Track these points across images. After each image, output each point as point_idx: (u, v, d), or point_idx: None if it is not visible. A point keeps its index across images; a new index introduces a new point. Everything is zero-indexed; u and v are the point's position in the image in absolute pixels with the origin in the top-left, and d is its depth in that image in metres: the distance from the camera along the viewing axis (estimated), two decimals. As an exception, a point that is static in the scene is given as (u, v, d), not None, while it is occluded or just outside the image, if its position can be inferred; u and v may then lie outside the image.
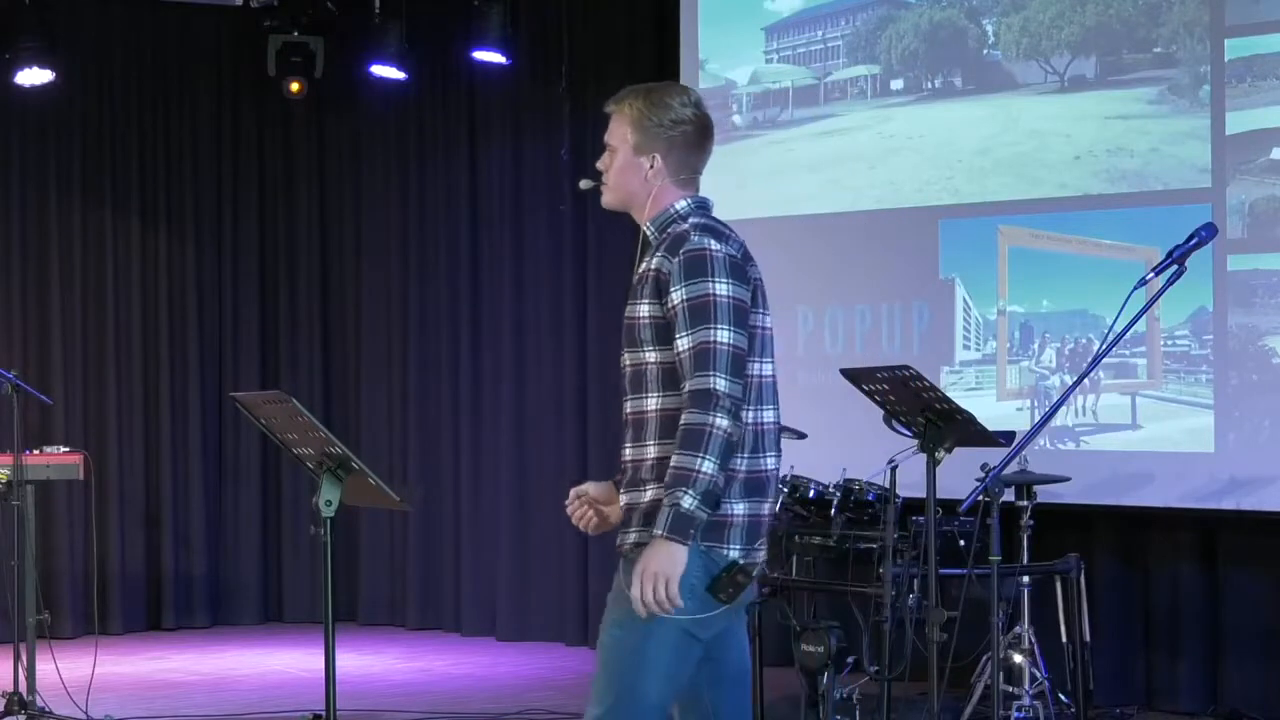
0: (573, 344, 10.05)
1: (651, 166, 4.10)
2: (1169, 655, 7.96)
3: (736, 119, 9.04)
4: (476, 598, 10.44)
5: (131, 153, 10.81)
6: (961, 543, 6.83)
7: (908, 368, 5.88)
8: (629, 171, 4.12)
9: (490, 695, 8.55)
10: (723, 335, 3.85)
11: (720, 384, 3.81)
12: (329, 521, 5.14)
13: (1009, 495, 7.07)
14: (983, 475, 5.36)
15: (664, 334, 3.92)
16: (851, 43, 8.71)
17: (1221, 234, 6.70)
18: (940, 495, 5.92)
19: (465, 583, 10.53)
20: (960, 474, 6.14)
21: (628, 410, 4.03)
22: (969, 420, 5.92)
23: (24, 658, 7.38)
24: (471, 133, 10.58)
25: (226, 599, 11.05)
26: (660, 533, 3.79)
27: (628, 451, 4.01)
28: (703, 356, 3.84)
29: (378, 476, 5.19)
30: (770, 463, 4.00)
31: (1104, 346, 4.65)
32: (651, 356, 3.96)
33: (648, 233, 4.10)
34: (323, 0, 10.46)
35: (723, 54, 9.15)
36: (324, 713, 5.34)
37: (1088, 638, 7.07)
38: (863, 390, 6.03)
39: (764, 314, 4.03)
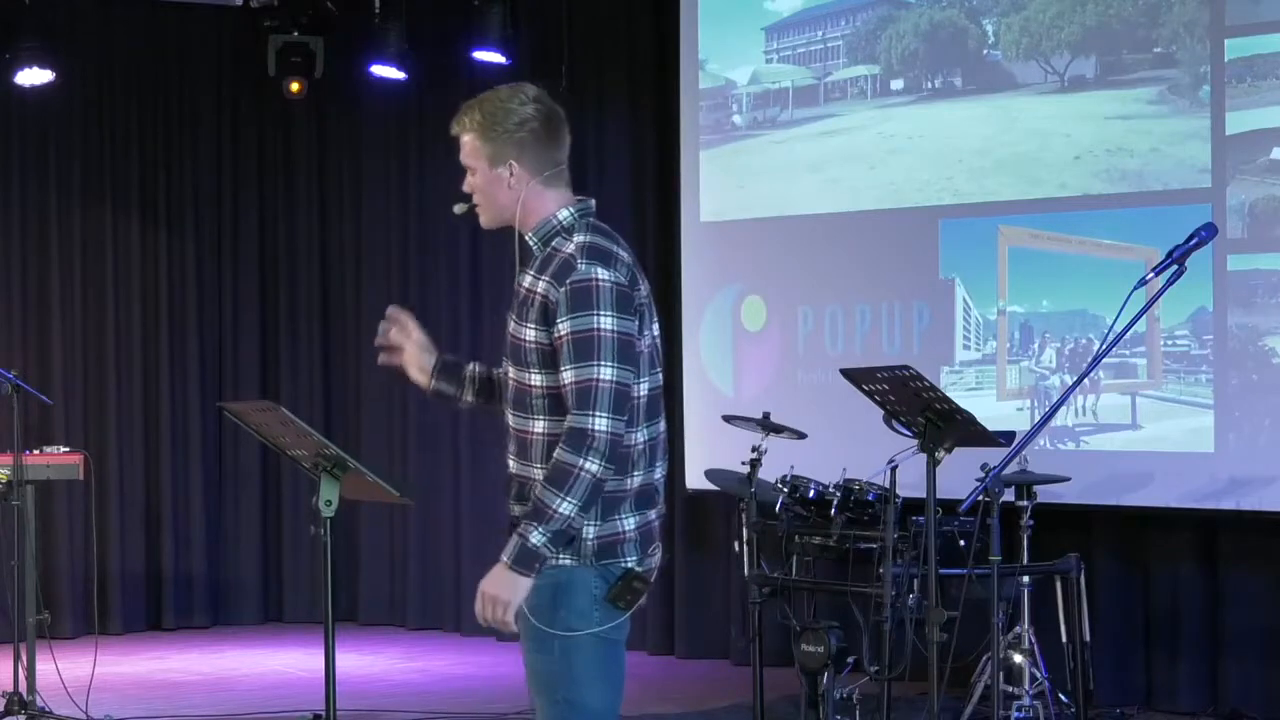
0: (573, 344, 10.03)
1: (511, 174, 4.11)
2: (1169, 655, 7.96)
3: (736, 119, 9.04)
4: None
5: (131, 153, 10.81)
6: (961, 543, 6.83)
7: (908, 368, 5.88)
8: (494, 187, 4.15)
9: (490, 695, 8.55)
10: (606, 373, 3.83)
11: (600, 424, 3.80)
12: (329, 521, 5.14)
13: (1009, 495, 7.06)
14: (983, 475, 5.35)
15: (550, 360, 3.91)
16: (851, 43, 8.71)
17: (1221, 234, 6.70)
18: (940, 495, 5.92)
19: (465, 583, 10.52)
20: (960, 474, 6.13)
21: (511, 423, 4.02)
22: (969, 420, 5.93)
23: (24, 658, 7.39)
24: (471, 133, 10.56)
25: (226, 599, 11.05)
26: (505, 560, 3.84)
27: (513, 464, 4.01)
28: (584, 394, 3.82)
29: (376, 474, 5.19)
30: (659, 472, 4.02)
31: (1104, 346, 4.66)
32: (536, 380, 3.94)
33: (530, 244, 4.08)
34: (323, 0, 10.46)
35: (723, 54, 9.15)
36: (324, 713, 5.34)
37: (1088, 638, 7.06)
38: (863, 390, 6.03)
39: (652, 327, 4.00)
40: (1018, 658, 7.06)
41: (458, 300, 10.62)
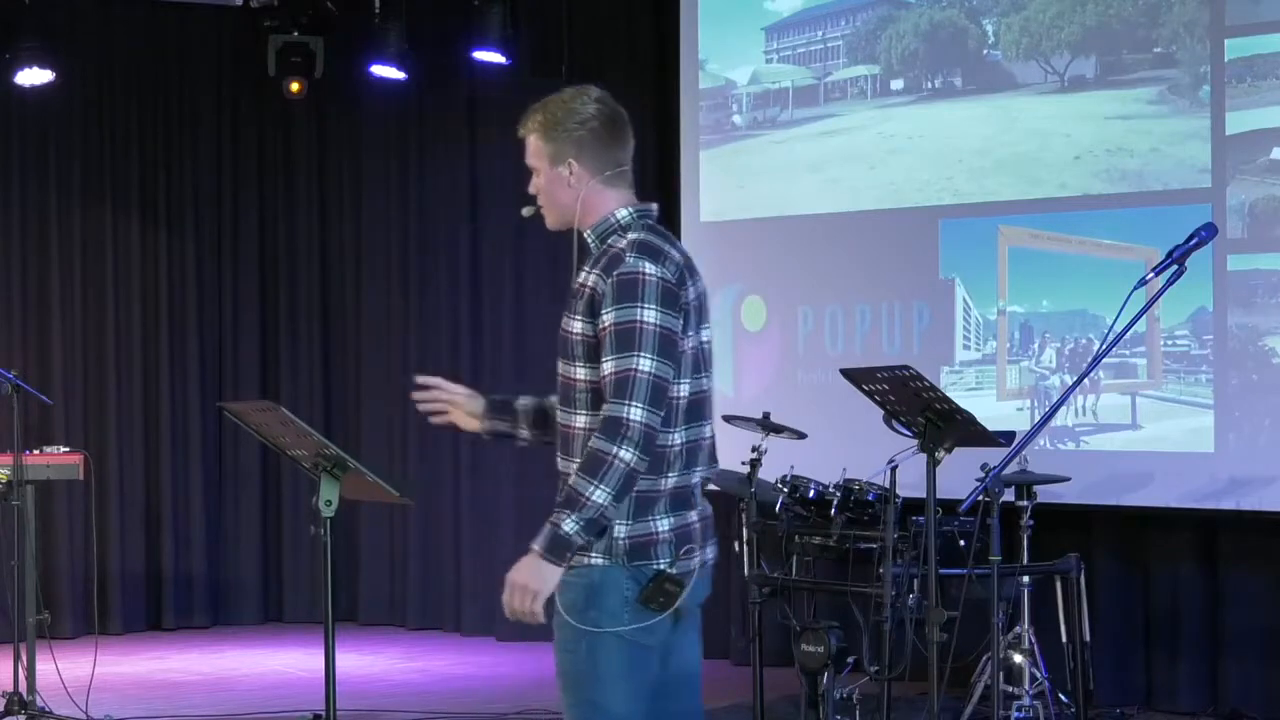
0: (573, 344, 10.04)
1: (571, 172, 4.13)
2: (1169, 655, 7.96)
3: (736, 119, 9.04)
4: (476, 598, 10.44)
5: (131, 153, 10.81)
6: (961, 543, 6.83)
7: (908, 368, 5.88)
8: (555, 186, 4.17)
9: (490, 695, 8.55)
10: (645, 364, 3.83)
11: (635, 414, 3.80)
12: (329, 521, 5.15)
13: (1009, 495, 7.06)
14: (983, 475, 5.35)
15: (594, 353, 3.91)
16: (851, 43, 8.70)
17: (1221, 234, 6.70)
18: (940, 495, 5.92)
19: (465, 583, 10.53)
20: (960, 474, 6.13)
21: (559, 419, 4.03)
22: (969, 420, 5.92)
23: (24, 658, 7.39)
24: (471, 133, 10.57)
25: (226, 599, 11.05)
26: (536, 548, 3.83)
27: (560, 462, 4.02)
28: (622, 384, 3.82)
29: (376, 474, 5.19)
30: (698, 476, 4.01)
31: (1104, 346, 4.65)
32: (580, 374, 3.95)
33: (589, 241, 4.09)
34: (323, 0, 10.45)
35: (723, 54, 9.15)
36: (324, 713, 5.34)
37: (1088, 638, 7.06)
38: (863, 390, 6.03)
39: (698, 332, 3.98)
40: (1018, 658, 7.06)
41: (458, 300, 10.62)
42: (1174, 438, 7.70)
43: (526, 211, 4.28)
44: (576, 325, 3.96)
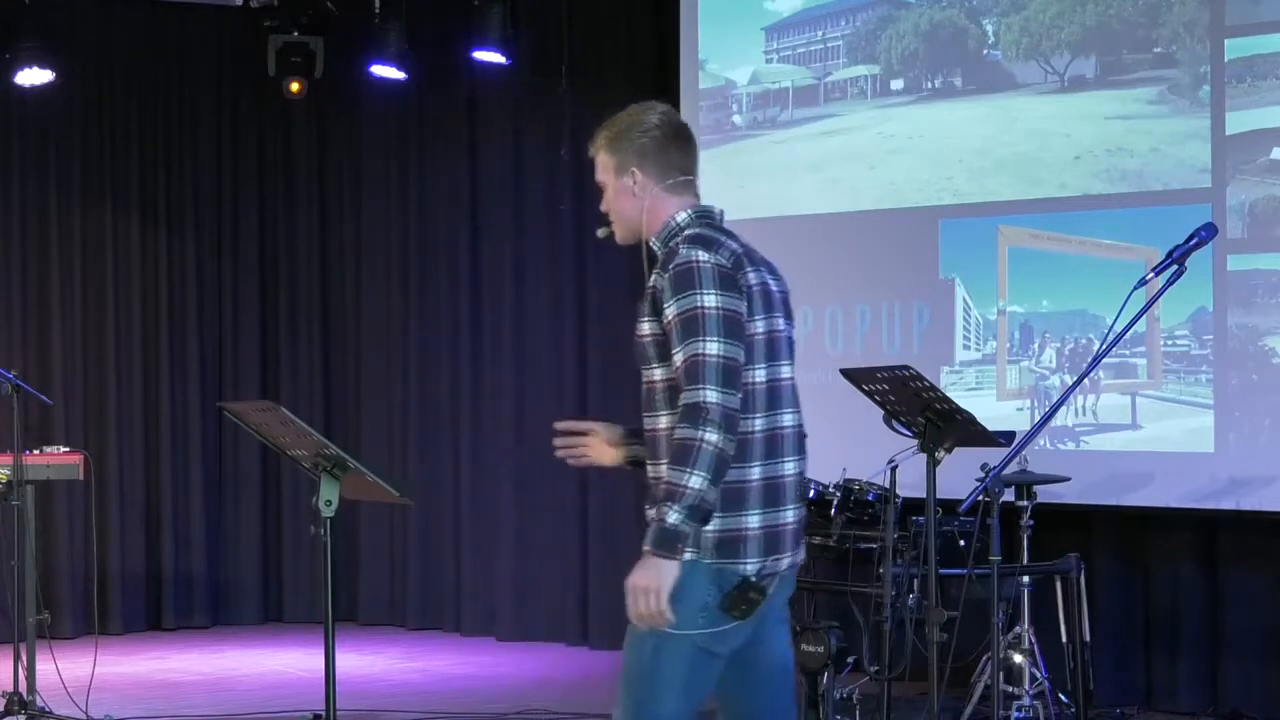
0: (572, 343, 10.05)
1: (635, 181, 4.12)
2: (1169, 655, 7.96)
3: (736, 119, 9.04)
4: (476, 598, 10.44)
5: (131, 153, 10.81)
6: (961, 543, 6.83)
7: (908, 368, 5.88)
8: (621, 198, 4.14)
9: (490, 695, 8.55)
10: (712, 347, 3.84)
11: (710, 396, 3.80)
12: (329, 521, 5.15)
13: (1009, 495, 7.07)
14: (983, 475, 5.36)
15: (665, 351, 3.92)
16: (851, 43, 8.71)
17: (1221, 234, 6.70)
18: (940, 495, 5.93)
19: (465, 583, 10.53)
20: (960, 474, 6.14)
21: (645, 427, 4.03)
22: (969, 420, 5.93)
23: (24, 658, 7.38)
24: (471, 133, 10.58)
25: (226, 599, 11.05)
26: (647, 548, 3.81)
27: (649, 469, 4.02)
28: (693, 369, 3.83)
29: (376, 474, 5.20)
30: (789, 468, 3.99)
31: (1104, 346, 4.65)
32: (657, 375, 3.97)
33: (655, 249, 4.09)
34: (323, 0, 10.46)
35: (723, 54, 9.15)
36: (324, 713, 5.34)
37: (1088, 638, 7.07)
38: (863, 390, 6.04)
39: (767, 317, 4.01)
40: (1018, 658, 7.05)
41: (458, 300, 10.62)
42: (1174, 438, 7.70)
43: (601, 233, 4.29)
44: (645, 327, 3.98)
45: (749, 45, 9.05)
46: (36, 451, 7.96)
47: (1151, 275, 4.61)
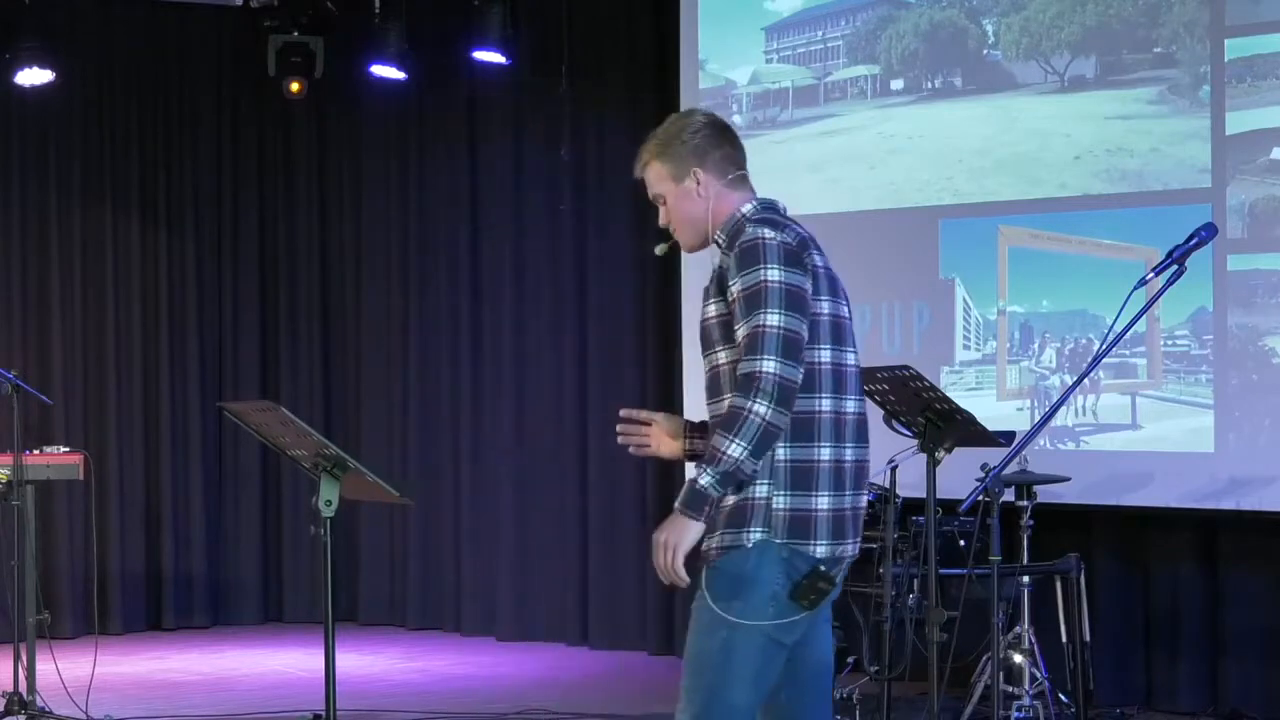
0: (573, 343, 10.05)
1: (698, 182, 4.12)
2: (1169, 655, 7.96)
3: (736, 119, 9.03)
4: (476, 598, 10.45)
5: (131, 153, 10.81)
6: (961, 543, 6.83)
7: (908, 368, 5.88)
8: (684, 202, 4.14)
9: (490, 695, 8.55)
10: (773, 319, 3.85)
11: (768, 366, 3.82)
12: (329, 521, 5.15)
13: (1009, 495, 7.07)
14: (983, 475, 5.36)
15: (730, 333, 3.94)
16: (851, 43, 8.71)
17: (1221, 234, 6.70)
18: (940, 495, 5.93)
19: (465, 583, 10.53)
20: (960, 474, 6.14)
21: (710, 414, 4.03)
22: (969, 420, 5.93)
23: (24, 658, 7.38)
24: (471, 133, 10.58)
25: (226, 599, 11.05)
26: (677, 505, 3.86)
27: None
28: (753, 341, 3.85)
29: (376, 474, 5.20)
30: (851, 454, 4.00)
31: (1104, 346, 4.65)
32: (723, 357, 3.98)
33: (718, 240, 4.10)
34: (323, 0, 10.46)
35: (723, 54, 9.15)
36: (324, 713, 5.34)
37: (1088, 638, 7.07)
38: (863, 390, 6.02)
39: (833, 300, 4.02)
40: (1018, 658, 7.05)
41: (458, 300, 10.62)
42: (1174, 438, 7.70)
43: (660, 249, 4.30)
44: (712, 309, 4.00)
45: (749, 45, 9.05)
46: (36, 451, 7.96)
47: (1151, 275, 4.61)
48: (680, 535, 3.84)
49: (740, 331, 3.88)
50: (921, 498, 5.91)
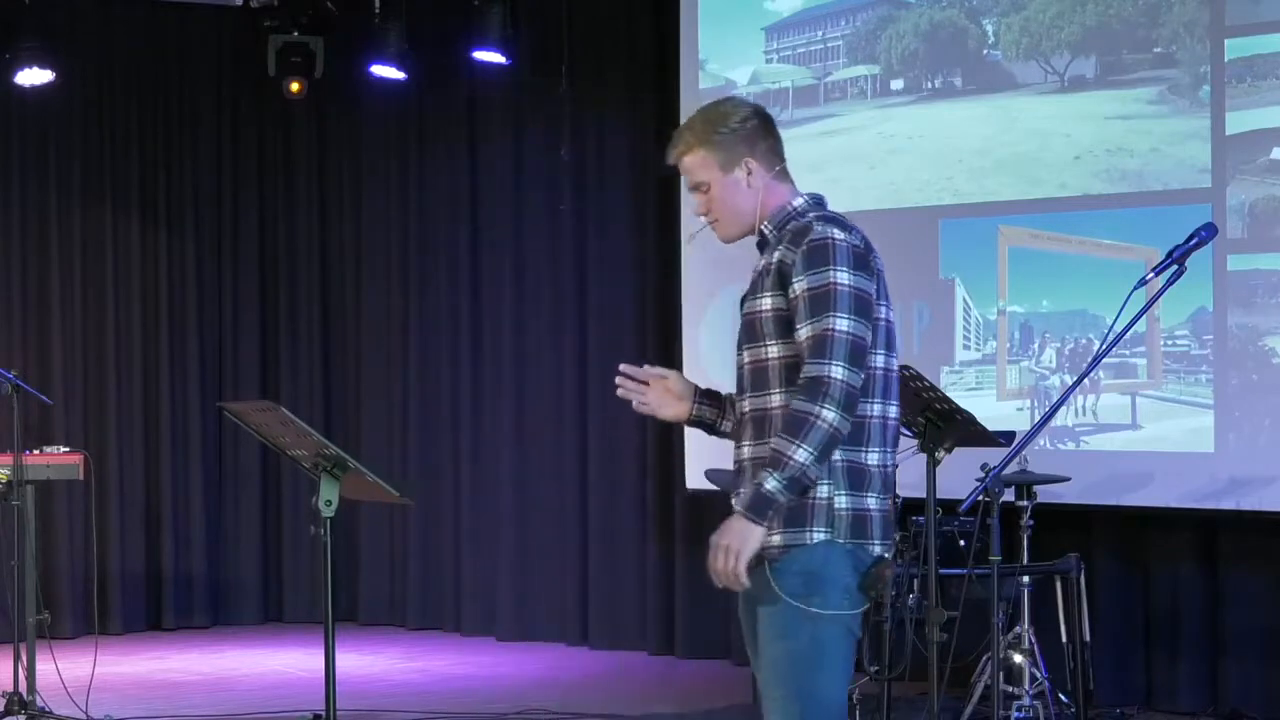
0: (573, 343, 10.06)
1: (749, 172, 4.05)
2: (1169, 655, 7.95)
3: (736, 119, 9.03)
4: (476, 598, 10.45)
5: (131, 153, 10.81)
6: (961, 543, 6.83)
7: (908, 368, 5.87)
8: (731, 193, 4.05)
9: (490, 695, 8.55)
10: (843, 324, 3.82)
11: (836, 372, 3.79)
12: (329, 521, 5.15)
13: (1009, 495, 7.06)
14: (983, 475, 5.35)
15: (786, 327, 3.89)
16: (851, 43, 8.71)
17: (1221, 234, 6.70)
18: (940, 495, 5.92)
19: (465, 583, 10.53)
20: (960, 474, 6.13)
21: (746, 408, 3.98)
22: (969, 420, 5.93)
23: (24, 658, 7.38)
24: (471, 133, 10.58)
25: (226, 599, 11.05)
26: (740, 509, 3.82)
27: (747, 450, 3.97)
28: (821, 344, 3.81)
29: (376, 474, 5.19)
30: (891, 459, 3.99)
31: (1104, 346, 4.65)
32: (774, 351, 3.92)
33: (765, 232, 4.04)
34: (323, 0, 10.46)
35: (723, 54, 9.15)
36: (324, 713, 5.34)
37: (1088, 638, 7.06)
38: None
39: (888, 306, 4.00)
40: (1018, 658, 7.05)
41: (458, 300, 10.62)
42: (1174, 438, 7.70)
43: (690, 237, 4.25)
44: (766, 302, 3.92)
45: (749, 45, 9.05)
46: (36, 451, 7.97)
47: (1151, 275, 4.61)
48: (744, 540, 3.79)
49: (802, 331, 3.84)
50: (921, 498, 5.91)
